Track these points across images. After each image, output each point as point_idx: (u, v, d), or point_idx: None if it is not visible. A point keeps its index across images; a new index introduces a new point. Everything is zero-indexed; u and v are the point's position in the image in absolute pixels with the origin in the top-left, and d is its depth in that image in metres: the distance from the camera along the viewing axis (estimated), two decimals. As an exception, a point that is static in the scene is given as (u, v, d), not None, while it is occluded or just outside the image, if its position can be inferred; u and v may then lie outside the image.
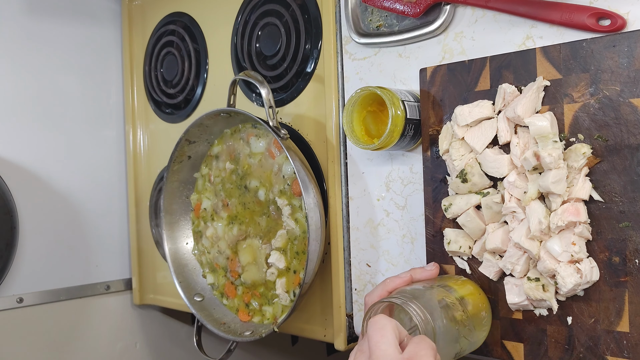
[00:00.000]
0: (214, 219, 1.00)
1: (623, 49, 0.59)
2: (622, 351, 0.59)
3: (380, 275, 0.82)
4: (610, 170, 0.60)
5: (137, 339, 1.24)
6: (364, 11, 0.82)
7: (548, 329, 0.64)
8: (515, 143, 0.64)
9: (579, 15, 0.62)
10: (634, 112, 0.58)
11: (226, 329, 0.95)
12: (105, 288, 1.19)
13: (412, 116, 0.72)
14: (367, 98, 0.73)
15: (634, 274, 0.59)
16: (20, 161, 1.09)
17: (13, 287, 1.07)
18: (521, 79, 0.66)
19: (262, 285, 0.94)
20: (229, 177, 0.97)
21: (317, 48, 0.89)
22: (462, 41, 0.72)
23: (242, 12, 1.00)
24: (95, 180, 1.19)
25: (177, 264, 1.03)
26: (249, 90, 0.99)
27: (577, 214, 0.60)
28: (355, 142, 0.73)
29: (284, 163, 0.89)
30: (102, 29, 1.21)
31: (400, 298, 0.61)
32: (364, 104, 0.74)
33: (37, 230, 1.11)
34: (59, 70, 1.15)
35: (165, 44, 1.15)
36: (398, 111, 0.70)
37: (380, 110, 0.75)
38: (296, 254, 0.88)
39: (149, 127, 1.21)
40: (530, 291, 0.63)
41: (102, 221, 1.20)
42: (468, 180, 0.67)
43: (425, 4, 0.74)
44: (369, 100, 0.74)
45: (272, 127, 0.83)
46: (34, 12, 1.11)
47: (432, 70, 0.73)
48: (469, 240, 0.70)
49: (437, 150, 0.73)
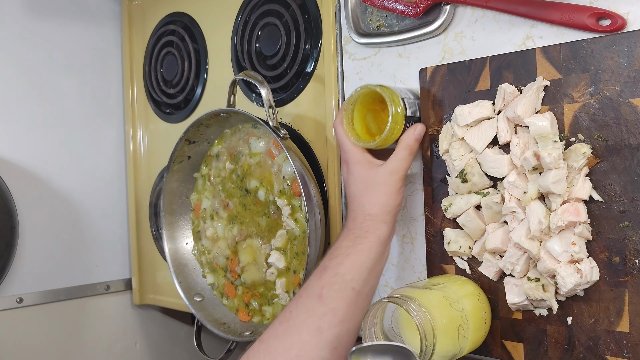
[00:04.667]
0: (214, 219, 1.00)
1: (623, 49, 0.59)
2: (622, 351, 0.59)
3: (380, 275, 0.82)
4: (610, 170, 0.60)
5: (137, 339, 1.24)
6: (364, 11, 0.82)
7: (548, 329, 0.64)
8: (515, 143, 0.64)
9: (579, 15, 0.62)
10: (634, 112, 0.58)
11: (226, 329, 0.95)
12: (105, 288, 1.19)
13: (412, 114, 0.72)
14: (367, 96, 0.73)
15: (634, 274, 0.59)
16: (20, 161, 1.09)
17: (13, 287, 1.07)
18: (521, 79, 0.66)
19: (262, 285, 0.94)
20: (229, 176, 0.97)
21: (317, 48, 0.89)
22: (462, 41, 0.72)
23: (242, 12, 1.00)
24: (95, 180, 1.19)
25: (177, 264, 1.03)
26: (249, 90, 0.99)
27: (577, 214, 0.60)
28: (356, 140, 0.73)
29: (284, 163, 0.89)
30: (102, 29, 1.21)
31: (400, 298, 0.61)
32: (365, 103, 0.74)
33: (37, 230, 1.11)
34: (59, 70, 1.15)
35: (165, 44, 1.15)
36: (398, 109, 0.70)
37: (382, 108, 0.74)
38: (296, 254, 0.88)
39: (149, 127, 1.21)
40: (530, 291, 0.63)
41: (102, 221, 1.20)
42: (468, 180, 0.67)
43: (425, 4, 0.73)
44: (370, 99, 0.74)
45: (272, 127, 0.83)
46: (34, 12, 1.11)
47: (432, 70, 0.73)
48: (469, 240, 0.70)
49: (437, 150, 0.72)
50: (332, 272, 0.66)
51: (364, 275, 0.66)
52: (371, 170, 0.71)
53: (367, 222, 0.69)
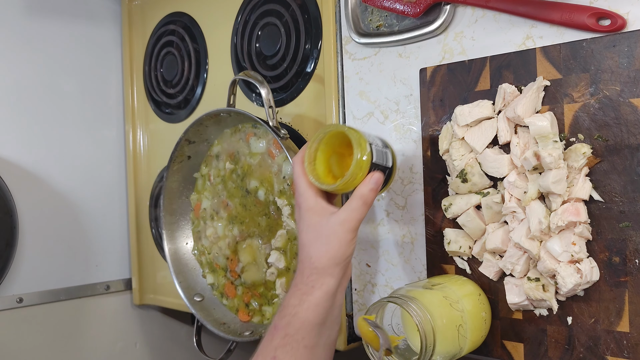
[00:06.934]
0: (214, 219, 1.00)
1: (623, 49, 0.59)
2: (622, 351, 0.59)
3: (380, 275, 0.82)
4: (610, 170, 0.60)
5: (137, 339, 1.24)
6: (364, 11, 0.82)
7: (548, 329, 0.64)
8: (516, 143, 0.64)
9: (579, 15, 0.62)
10: (634, 112, 0.58)
11: (226, 329, 0.95)
12: (105, 288, 1.19)
13: (379, 162, 0.66)
14: (334, 137, 0.67)
15: (634, 274, 0.59)
16: (20, 161, 1.09)
17: (13, 287, 1.07)
18: (521, 79, 0.66)
19: (261, 285, 0.94)
20: (229, 176, 0.97)
21: (317, 48, 0.89)
22: (462, 41, 0.72)
23: (242, 12, 1.00)
24: (95, 180, 1.19)
25: (177, 264, 1.03)
26: (249, 90, 0.99)
27: (577, 214, 0.60)
28: (316, 179, 0.66)
29: (284, 163, 0.89)
30: (102, 29, 1.21)
31: (400, 298, 0.61)
32: (331, 144, 0.68)
33: (37, 230, 1.11)
34: (59, 70, 1.15)
35: (165, 44, 1.15)
36: (364, 156, 0.64)
37: (349, 153, 0.67)
38: (296, 254, 0.88)
39: (149, 127, 1.21)
40: (530, 291, 0.63)
41: (102, 221, 1.20)
42: (468, 180, 0.67)
43: (425, 4, 0.73)
44: (337, 141, 0.67)
45: (272, 127, 0.83)
46: (34, 12, 1.11)
47: (432, 70, 0.73)
48: (469, 240, 0.70)
49: (437, 150, 0.72)
50: (282, 333, 0.64)
51: (314, 332, 0.64)
52: (322, 219, 0.66)
53: (312, 276, 0.65)
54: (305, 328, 0.64)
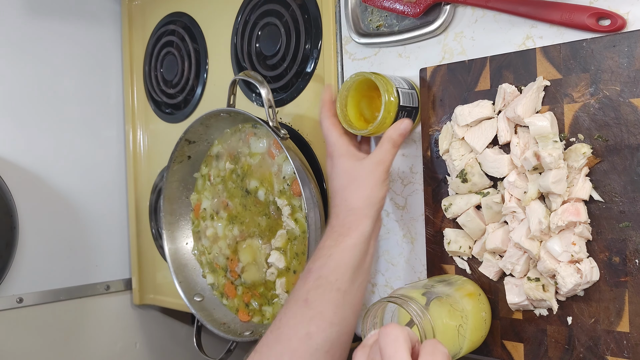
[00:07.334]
0: (214, 219, 1.00)
1: (623, 49, 0.59)
2: (622, 351, 0.59)
3: (380, 275, 0.82)
4: (610, 170, 0.60)
5: (137, 339, 1.24)
6: (364, 11, 0.82)
7: (548, 329, 0.64)
8: (516, 143, 0.64)
9: (579, 15, 0.62)
10: (634, 112, 0.58)
11: (226, 329, 0.95)
12: (105, 288, 1.19)
13: (406, 103, 0.72)
14: (362, 83, 0.73)
15: (634, 274, 0.59)
16: (20, 161, 1.09)
17: (13, 287, 1.07)
18: (521, 79, 0.66)
19: (262, 285, 0.94)
20: (229, 176, 0.97)
21: (317, 48, 0.89)
22: (462, 41, 0.72)
23: (242, 12, 1.00)
24: (95, 180, 1.19)
25: (177, 264, 1.03)
26: (249, 90, 0.99)
27: (577, 214, 0.60)
28: (349, 126, 0.73)
29: (284, 163, 0.89)
30: (102, 29, 1.21)
31: (400, 298, 0.61)
32: (360, 89, 0.74)
33: (37, 230, 1.11)
34: (59, 70, 1.15)
35: (165, 44, 1.15)
36: (391, 97, 0.70)
37: (377, 95, 0.74)
38: (296, 254, 0.88)
39: (148, 127, 1.21)
40: (530, 291, 0.63)
41: (102, 221, 1.20)
42: (468, 180, 0.67)
43: (425, 4, 0.73)
44: (365, 86, 0.74)
45: (272, 127, 0.83)
46: (34, 12, 1.11)
47: (432, 70, 0.73)
48: (469, 240, 0.70)
49: (437, 150, 0.72)
50: (315, 275, 0.65)
51: (348, 275, 0.65)
52: (356, 162, 0.70)
53: (349, 217, 0.68)
54: (340, 269, 0.65)
